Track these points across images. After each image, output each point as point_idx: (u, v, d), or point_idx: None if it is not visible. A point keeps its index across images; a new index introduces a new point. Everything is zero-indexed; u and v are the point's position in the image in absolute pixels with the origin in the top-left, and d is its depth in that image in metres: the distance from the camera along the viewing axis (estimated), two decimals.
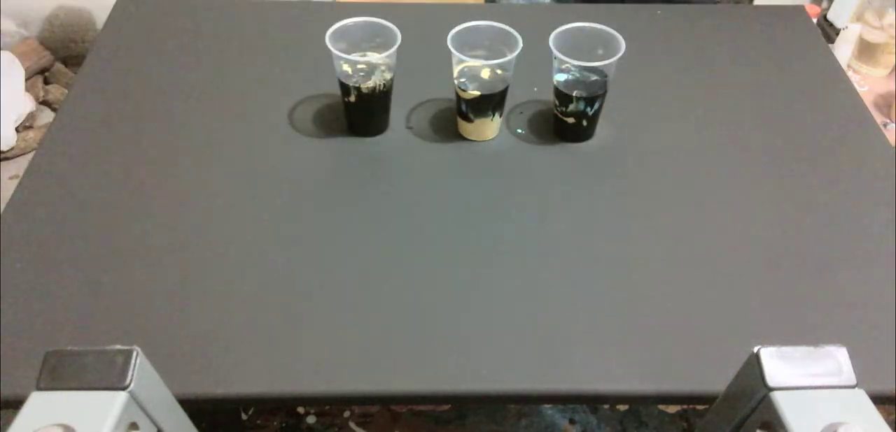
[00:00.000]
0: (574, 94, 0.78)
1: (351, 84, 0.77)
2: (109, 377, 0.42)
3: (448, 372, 0.61)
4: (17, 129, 1.64)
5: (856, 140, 0.84)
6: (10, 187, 1.57)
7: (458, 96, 0.80)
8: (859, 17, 1.78)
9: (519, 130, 0.84)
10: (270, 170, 0.79)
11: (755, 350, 0.44)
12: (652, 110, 0.87)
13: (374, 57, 0.78)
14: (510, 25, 0.78)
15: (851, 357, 0.44)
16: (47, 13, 1.82)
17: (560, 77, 0.78)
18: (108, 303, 0.65)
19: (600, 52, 0.78)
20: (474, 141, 0.82)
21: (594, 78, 0.77)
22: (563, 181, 0.78)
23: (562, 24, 0.79)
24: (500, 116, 0.82)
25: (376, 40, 0.79)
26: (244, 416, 1.21)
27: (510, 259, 0.70)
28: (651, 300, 0.67)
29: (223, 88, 0.88)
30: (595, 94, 0.78)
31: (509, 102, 0.82)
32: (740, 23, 1.02)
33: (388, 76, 0.78)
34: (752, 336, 0.64)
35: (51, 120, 0.83)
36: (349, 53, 0.77)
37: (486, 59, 0.78)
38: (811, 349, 0.44)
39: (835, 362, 0.44)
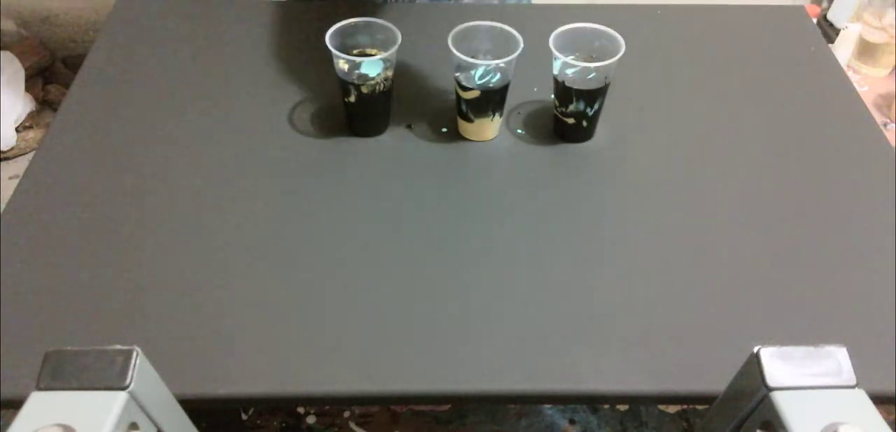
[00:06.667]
0: (574, 94, 0.78)
1: (351, 84, 0.77)
2: (109, 377, 0.42)
3: (448, 372, 0.61)
4: (17, 129, 1.65)
5: (856, 140, 0.84)
6: (10, 187, 1.58)
7: (458, 96, 0.80)
8: (859, 17, 1.78)
9: (519, 130, 0.84)
10: (270, 171, 0.79)
11: (755, 350, 0.44)
12: (652, 110, 0.87)
13: (373, 56, 0.78)
14: (510, 25, 0.78)
15: (851, 357, 0.44)
16: (47, 13, 1.82)
17: (560, 77, 0.78)
18: (108, 303, 0.65)
19: (600, 51, 0.78)
20: (474, 141, 0.82)
21: (594, 78, 0.77)
22: (563, 181, 0.78)
23: (562, 24, 0.79)
24: (500, 116, 0.82)
25: (376, 40, 0.79)
26: (244, 416, 1.21)
27: (510, 259, 0.70)
28: (651, 300, 0.67)
29: (223, 88, 0.88)
30: (595, 93, 0.78)
31: (509, 102, 0.82)
32: (740, 23, 1.02)
33: (388, 76, 0.79)
34: (752, 336, 0.64)
35: (51, 120, 0.83)
36: (349, 53, 0.77)
37: (486, 59, 0.78)
38: (811, 349, 0.44)
39: (835, 362, 0.44)
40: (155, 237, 0.71)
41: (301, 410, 1.23)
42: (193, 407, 0.53)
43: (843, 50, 1.81)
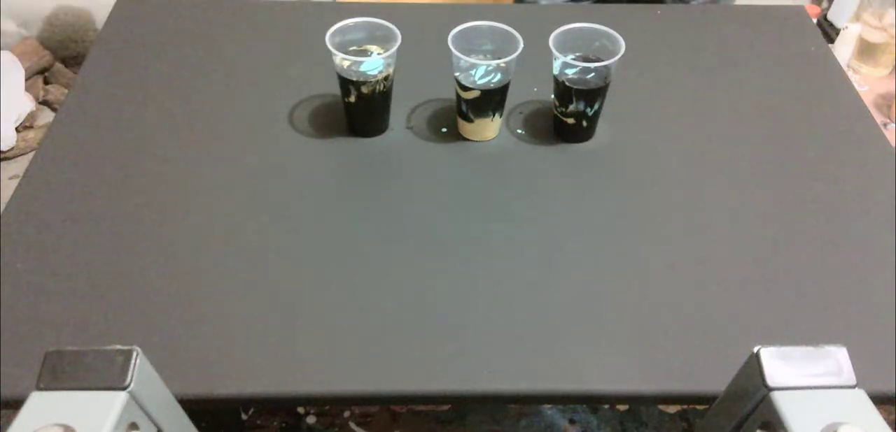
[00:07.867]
0: (574, 94, 0.78)
1: (351, 84, 0.77)
2: (109, 377, 0.42)
3: (448, 372, 0.61)
4: (17, 129, 1.64)
5: (856, 140, 0.84)
6: (10, 187, 1.57)
7: (458, 96, 0.80)
8: (859, 17, 1.78)
9: (519, 130, 0.84)
10: (270, 171, 0.78)
11: (755, 350, 0.44)
12: (652, 110, 0.87)
13: (373, 56, 0.78)
14: (510, 25, 0.78)
15: (851, 357, 0.44)
16: (47, 13, 1.82)
17: (560, 77, 0.78)
18: (108, 303, 0.65)
19: (600, 51, 0.78)
20: (474, 141, 0.82)
21: (594, 78, 0.77)
22: (563, 181, 0.78)
23: (562, 24, 0.79)
24: (500, 116, 0.82)
25: (376, 40, 0.79)
26: (244, 416, 1.21)
27: (510, 259, 0.70)
28: (651, 300, 0.67)
29: (223, 88, 0.88)
30: (595, 94, 0.78)
31: (509, 102, 0.82)
32: (740, 23, 1.02)
33: (388, 75, 0.78)
34: (752, 336, 0.64)
35: (51, 120, 0.83)
36: (349, 53, 0.77)
37: (486, 59, 0.78)
38: (811, 349, 0.44)
39: (835, 362, 0.44)
40: (155, 237, 0.71)
41: (301, 410, 1.23)
42: (193, 407, 0.53)
43: (843, 50, 1.81)
